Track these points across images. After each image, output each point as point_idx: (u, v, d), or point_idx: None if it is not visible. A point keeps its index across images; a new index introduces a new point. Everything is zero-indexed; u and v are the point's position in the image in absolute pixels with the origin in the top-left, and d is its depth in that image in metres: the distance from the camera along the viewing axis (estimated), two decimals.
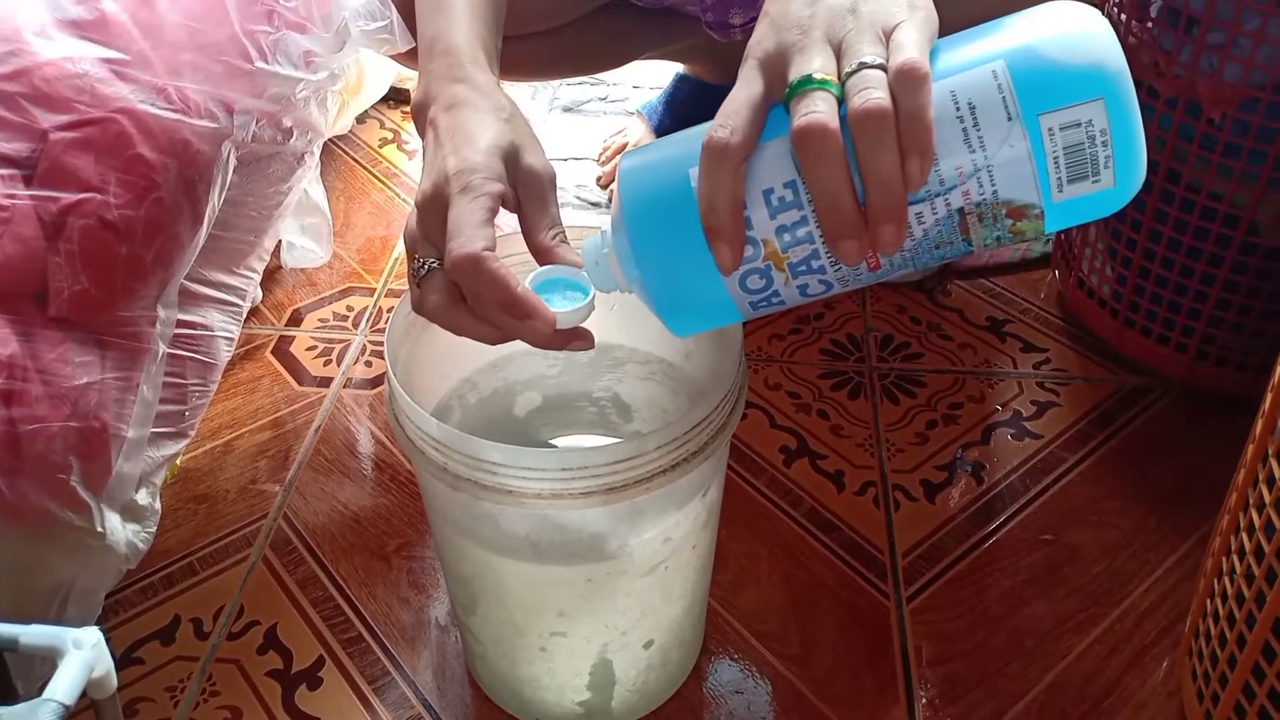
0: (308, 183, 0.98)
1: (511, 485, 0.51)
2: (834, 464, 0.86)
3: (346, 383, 0.96)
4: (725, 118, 0.42)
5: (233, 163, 0.80)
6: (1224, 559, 0.61)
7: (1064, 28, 0.41)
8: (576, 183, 1.23)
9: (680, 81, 1.22)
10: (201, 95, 0.76)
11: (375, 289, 1.08)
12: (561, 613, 0.59)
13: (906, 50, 0.40)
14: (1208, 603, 0.63)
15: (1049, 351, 0.97)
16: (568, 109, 1.38)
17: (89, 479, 0.68)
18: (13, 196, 0.66)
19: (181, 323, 0.80)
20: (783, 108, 0.42)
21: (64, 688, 0.39)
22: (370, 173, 1.27)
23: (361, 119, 1.35)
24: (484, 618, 0.63)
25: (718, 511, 0.64)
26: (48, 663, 0.40)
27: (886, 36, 0.41)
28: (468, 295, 0.49)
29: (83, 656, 0.40)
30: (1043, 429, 0.89)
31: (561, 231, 0.51)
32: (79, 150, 0.68)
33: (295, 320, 1.04)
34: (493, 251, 0.47)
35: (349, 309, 1.05)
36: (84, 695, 0.40)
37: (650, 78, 1.38)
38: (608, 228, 0.48)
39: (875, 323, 1.00)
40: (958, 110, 0.40)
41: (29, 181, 0.67)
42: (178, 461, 0.87)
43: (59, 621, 0.65)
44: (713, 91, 1.20)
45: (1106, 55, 0.40)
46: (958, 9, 0.46)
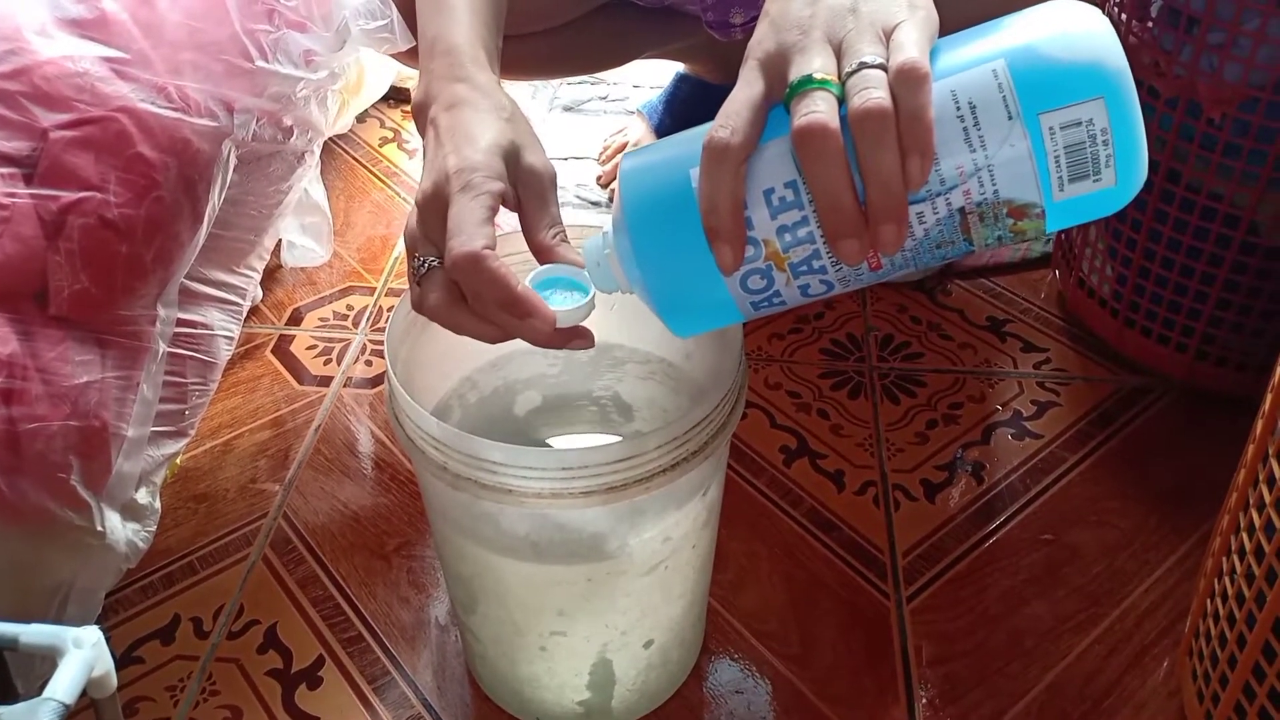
0: (308, 182, 0.98)
1: (511, 484, 0.51)
2: (834, 463, 0.86)
3: (346, 382, 0.96)
4: (726, 118, 0.42)
5: (233, 161, 0.80)
6: (1224, 559, 0.61)
7: (1064, 27, 0.41)
8: (577, 182, 1.23)
9: (680, 81, 1.22)
10: (202, 94, 0.76)
11: (375, 288, 1.08)
12: (561, 612, 0.59)
13: (907, 50, 0.40)
14: (1208, 603, 0.63)
15: (1049, 351, 0.97)
16: (568, 108, 1.38)
17: (89, 478, 0.68)
18: (13, 195, 0.66)
19: (182, 321, 0.80)
20: (783, 108, 0.42)
21: (64, 687, 0.39)
22: (370, 172, 1.27)
23: (362, 118, 1.35)
24: (484, 617, 0.63)
25: (718, 511, 0.63)
26: (48, 662, 0.40)
27: (887, 36, 0.41)
28: (468, 294, 0.49)
29: (83, 656, 0.40)
30: (1043, 429, 0.89)
31: (562, 230, 0.51)
32: (79, 149, 0.68)
33: (295, 319, 1.04)
34: (493, 250, 0.47)
35: (349, 308, 1.05)
36: (84, 694, 0.40)
37: (650, 77, 1.38)
38: (609, 228, 0.48)
39: (875, 322, 1.00)
40: (958, 110, 0.40)
41: (29, 180, 0.67)
42: (178, 460, 0.87)
43: (59, 621, 0.65)
44: (713, 91, 1.20)
45: (1107, 54, 0.40)
46: (958, 8, 0.46)
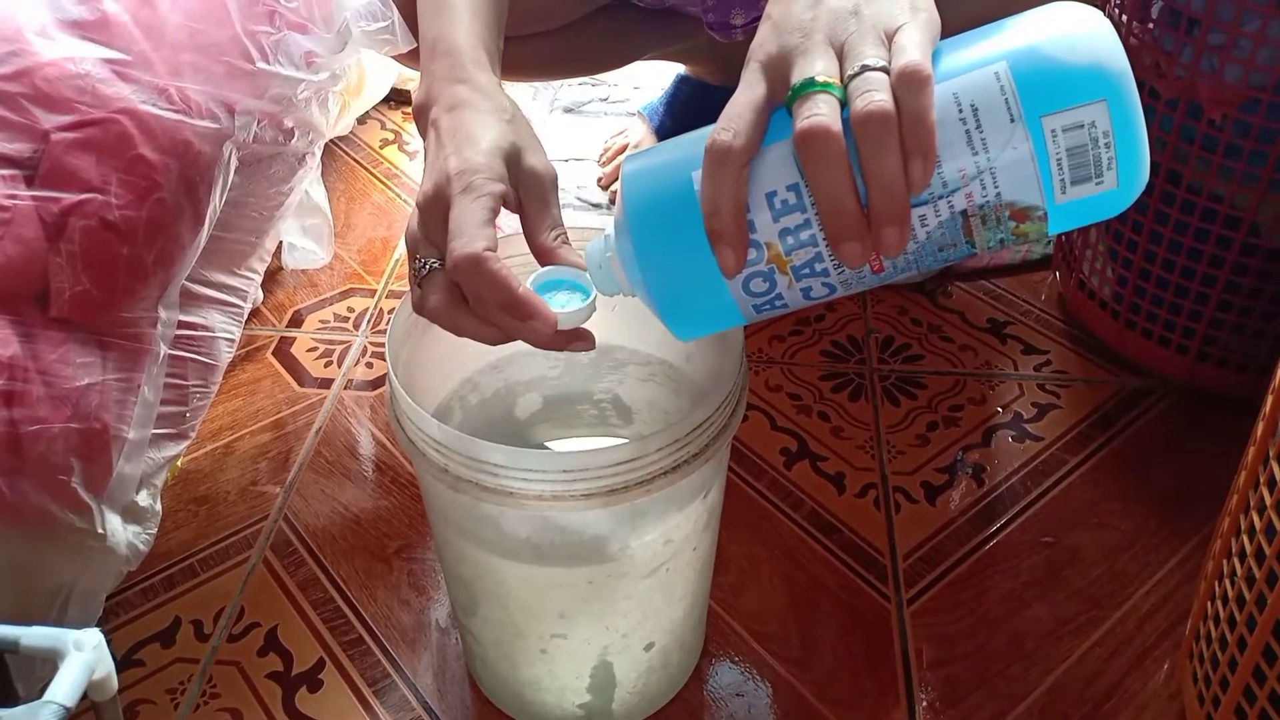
0: (309, 184, 0.98)
1: (512, 487, 0.51)
2: (835, 466, 0.86)
3: (347, 384, 0.96)
4: (728, 121, 0.42)
5: (234, 163, 0.80)
6: (1225, 561, 0.61)
7: (1066, 29, 0.41)
8: (578, 184, 1.23)
9: (681, 82, 1.22)
10: (203, 96, 0.76)
11: (376, 290, 1.08)
12: (562, 615, 0.59)
13: (909, 52, 0.40)
14: (1209, 605, 0.63)
15: (1050, 353, 0.97)
16: (569, 110, 1.38)
17: (90, 480, 0.68)
18: (14, 197, 0.66)
19: (183, 324, 0.80)
20: (785, 111, 0.42)
21: (65, 690, 0.39)
22: (371, 174, 1.27)
23: (363, 120, 1.35)
24: (484, 619, 0.63)
25: (718, 513, 0.63)
26: (48, 664, 0.40)
27: (889, 39, 0.41)
28: (469, 296, 0.49)
29: (83, 658, 0.40)
30: (1043, 431, 0.89)
31: (563, 232, 0.51)
32: (80, 151, 0.68)
33: (296, 321, 1.04)
34: (494, 252, 0.47)
35: (350, 310, 1.05)
36: (85, 697, 0.40)
37: (651, 79, 1.38)
38: (611, 231, 0.48)
39: (876, 324, 1.00)
40: (960, 112, 0.40)
41: (30, 182, 0.67)
42: (178, 463, 0.87)
43: (60, 623, 0.65)
44: (714, 93, 1.20)
45: (1109, 56, 0.40)
46: (960, 10, 0.46)
